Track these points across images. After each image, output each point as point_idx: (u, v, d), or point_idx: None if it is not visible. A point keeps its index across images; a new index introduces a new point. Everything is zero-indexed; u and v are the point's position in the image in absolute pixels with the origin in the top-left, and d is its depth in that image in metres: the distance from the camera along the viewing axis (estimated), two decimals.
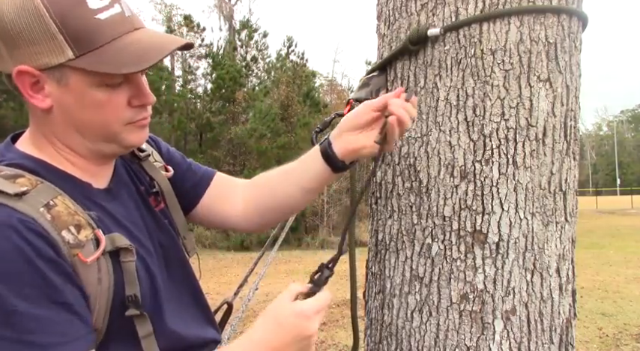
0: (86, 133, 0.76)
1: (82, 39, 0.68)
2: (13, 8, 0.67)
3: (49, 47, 0.67)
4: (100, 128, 0.75)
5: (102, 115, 0.74)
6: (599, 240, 12.52)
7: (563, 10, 1.05)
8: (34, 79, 0.70)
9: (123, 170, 0.91)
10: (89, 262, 0.68)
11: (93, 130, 0.75)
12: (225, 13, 22.95)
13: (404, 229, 1.10)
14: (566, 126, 1.07)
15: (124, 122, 0.76)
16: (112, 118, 0.74)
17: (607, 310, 5.74)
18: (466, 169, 1.03)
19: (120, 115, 0.75)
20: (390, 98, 0.91)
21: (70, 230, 0.67)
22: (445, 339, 1.02)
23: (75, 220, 0.69)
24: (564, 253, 1.07)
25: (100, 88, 0.71)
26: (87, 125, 0.75)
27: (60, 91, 0.71)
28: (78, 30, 0.67)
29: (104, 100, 0.72)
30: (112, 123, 0.75)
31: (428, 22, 1.09)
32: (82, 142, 0.77)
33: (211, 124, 18.21)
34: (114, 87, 0.73)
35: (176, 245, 0.94)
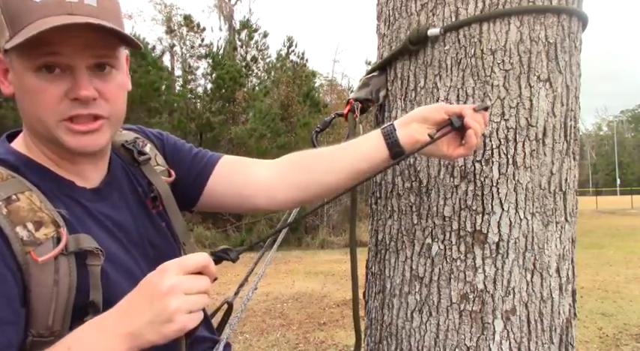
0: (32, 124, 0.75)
1: (15, 20, 0.68)
2: None
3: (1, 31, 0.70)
4: (36, 121, 0.73)
5: (36, 105, 0.72)
6: (599, 240, 12.52)
7: (563, 10, 1.05)
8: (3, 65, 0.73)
9: (120, 172, 0.90)
10: (40, 261, 0.66)
11: (32, 123, 0.75)
12: (225, 13, 22.95)
13: (404, 229, 1.10)
14: (566, 126, 1.07)
15: (58, 116, 0.72)
16: (43, 109, 0.72)
17: (607, 310, 5.74)
18: (466, 169, 1.03)
19: (53, 107, 0.72)
20: (467, 108, 0.90)
21: (26, 226, 0.67)
22: (445, 339, 1.02)
23: (36, 216, 0.68)
24: (564, 253, 1.07)
25: (38, 75, 0.70)
26: (28, 116, 0.74)
27: (13, 76, 0.72)
28: (14, 12, 0.69)
29: (37, 88, 0.70)
30: (44, 116, 0.72)
31: (428, 22, 1.09)
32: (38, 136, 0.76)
33: (211, 124, 18.20)
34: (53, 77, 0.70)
35: (172, 247, 0.93)
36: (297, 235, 13.56)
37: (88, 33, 0.70)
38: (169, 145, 1.04)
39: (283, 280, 7.91)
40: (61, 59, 0.70)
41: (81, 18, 0.69)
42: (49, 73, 0.70)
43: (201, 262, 0.66)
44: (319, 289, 7.19)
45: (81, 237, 0.71)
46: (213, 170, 1.02)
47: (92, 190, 0.81)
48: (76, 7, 0.70)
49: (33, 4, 0.68)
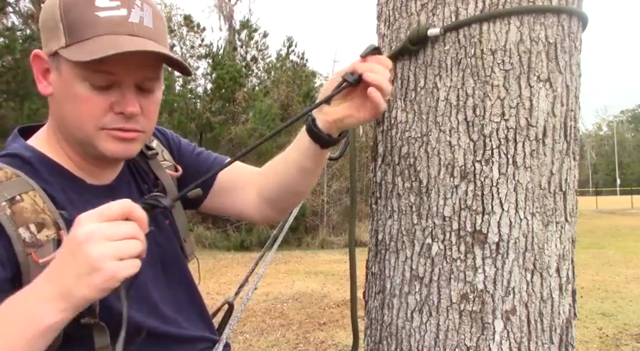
0: (67, 126, 0.77)
1: (75, 30, 0.71)
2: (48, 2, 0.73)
3: (53, 34, 0.73)
4: (73, 126, 0.76)
5: (78, 112, 0.74)
6: (599, 240, 12.52)
7: (563, 10, 1.05)
8: (45, 64, 0.75)
9: (126, 167, 0.90)
10: (41, 262, 0.67)
11: (69, 126, 0.77)
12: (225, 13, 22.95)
13: (404, 229, 1.10)
14: (566, 126, 1.07)
15: (98, 126, 0.75)
16: (86, 117, 0.74)
17: (607, 310, 5.74)
18: (466, 169, 1.03)
19: (95, 116, 0.74)
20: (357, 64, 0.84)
21: (29, 228, 0.67)
22: (445, 339, 1.03)
23: (39, 218, 0.69)
24: (564, 253, 1.07)
25: (84, 84, 0.72)
26: (66, 118, 0.76)
27: (57, 78, 0.75)
28: (75, 21, 0.71)
29: (84, 97, 0.73)
30: (86, 123, 0.75)
31: (428, 22, 1.09)
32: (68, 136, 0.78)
33: (211, 124, 18.20)
34: (101, 89, 0.73)
35: (174, 246, 0.93)
36: (297, 235, 13.55)
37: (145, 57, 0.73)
38: (174, 142, 1.05)
39: (283, 280, 7.91)
40: (113, 76, 0.73)
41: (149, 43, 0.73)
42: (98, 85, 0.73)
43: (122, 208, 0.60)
44: (319, 289, 7.19)
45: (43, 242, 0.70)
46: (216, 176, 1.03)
47: (104, 186, 0.83)
48: (137, 29, 0.74)
49: (97, 19, 0.71)
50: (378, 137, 1.23)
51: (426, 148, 1.08)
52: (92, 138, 0.76)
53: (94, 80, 0.73)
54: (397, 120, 1.15)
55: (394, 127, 1.15)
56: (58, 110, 0.77)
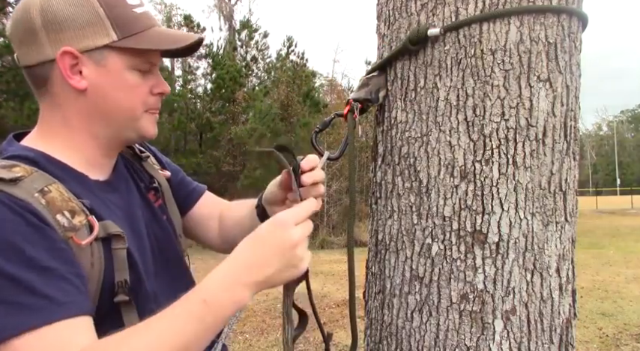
0: (112, 116, 0.81)
1: (123, 25, 0.77)
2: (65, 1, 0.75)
3: (94, 30, 0.76)
4: (126, 111, 0.82)
5: (131, 98, 0.81)
6: (599, 240, 12.52)
7: (563, 10, 1.05)
8: (74, 60, 0.76)
9: (123, 167, 0.93)
10: (83, 244, 0.71)
11: (119, 113, 0.82)
12: (225, 13, 22.94)
13: (404, 229, 1.10)
14: (566, 126, 1.07)
15: (145, 107, 0.83)
16: (138, 101, 0.82)
17: (607, 310, 5.74)
18: (466, 169, 1.03)
19: (144, 99, 0.83)
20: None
21: (64, 214, 0.70)
22: (445, 339, 1.02)
23: (69, 206, 0.72)
24: (564, 253, 1.07)
25: (133, 72, 0.80)
26: (115, 107, 0.81)
27: (97, 72, 0.78)
28: (121, 17, 0.77)
29: (135, 83, 0.81)
30: (137, 106, 0.82)
31: (428, 22, 1.09)
32: (102, 127, 0.82)
33: (211, 124, 18.20)
34: (144, 73, 0.82)
35: (172, 241, 0.95)
36: None
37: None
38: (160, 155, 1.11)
39: None
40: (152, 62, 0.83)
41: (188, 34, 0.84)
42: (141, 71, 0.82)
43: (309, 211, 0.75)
44: (319, 289, 7.19)
45: (107, 223, 0.76)
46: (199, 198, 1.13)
47: (104, 181, 0.85)
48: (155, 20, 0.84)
49: (136, 15, 0.80)
50: (378, 137, 1.23)
51: (426, 148, 1.08)
52: (138, 120, 0.83)
53: (142, 67, 0.81)
54: (397, 120, 1.15)
55: (394, 127, 1.15)
56: (96, 102, 0.79)
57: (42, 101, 0.81)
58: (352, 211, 1.20)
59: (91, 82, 0.78)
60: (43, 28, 0.75)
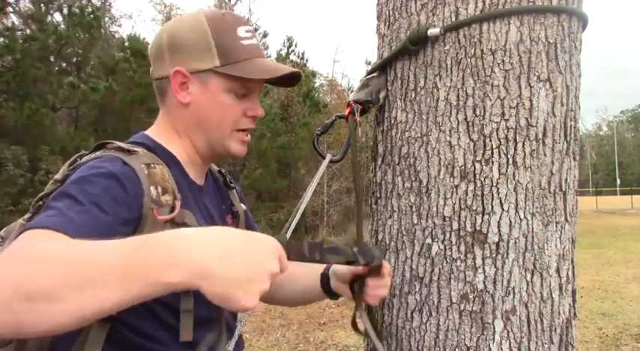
0: (205, 129, 0.94)
1: (228, 54, 0.90)
2: (185, 25, 0.92)
3: (203, 56, 0.90)
4: (216, 126, 0.94)
5: (222, 116, 0.93)
6: (599, 240, 12.52)
7: (563, 10, 1.05)
8: (184, 79, 0.91)
9: (213, 184, 1.06)
10: (159, 219, 0.80)
11: (211, 127, 0.94)
12: None
13: (404, 229, 1.10)
14: (566, 126, 1.07)
15: (235, 127, 0.95)
16: (228, 120, 0.94)
17: (607, 310, 5.74)
18: (466, 169, 1.03)
19: (235, 119, 0.94)
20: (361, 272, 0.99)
21: (157, 188, 0.81)
22: (445, 339, 1.02)
23: (164, 184, 0.83)
24: (564, 253, 1.07)
25: (229, 94, 0.92)
26: (209, 122, 0.93)
27: (200, 90, 0.91)
28: (227, 47, 0.90)
29: (229, 104, 0.93)
30: (226, 124, 0.94)
31: (428, 22, 1.09)
32: (198, 138, 0.95)
33: None
34: (239, 97, 0.94)
35: None
36: (297, 235, 13.55)
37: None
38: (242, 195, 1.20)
39: None
40: (250, 88, 0.94)
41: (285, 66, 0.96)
42: (237, 94, 0.93)
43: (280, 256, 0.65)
44: None
45: (186, 213, 0.84)
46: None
47: (199, 185, 0.98)
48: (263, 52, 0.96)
49: (243, 46, 0.92)
50: (378, 137, 1.23)
51: (426, 148, 1.08)
52: (226, 138, 0.95)
53: (238, 91, 0.93)
54: (397, 120, 1.15)
55: (394, 127, 1.15)
56: (196, 115, 0.93)
57: (161, 108, 0.98)
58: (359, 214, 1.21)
59: (193, 99, 0.92)
60: (167, 50, 0.91)
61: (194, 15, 0.93)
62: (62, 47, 14.58)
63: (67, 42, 14.44)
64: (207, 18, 0.91)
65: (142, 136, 0.95)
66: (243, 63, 0.91)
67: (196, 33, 0.90)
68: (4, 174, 11.56)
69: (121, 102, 15.88)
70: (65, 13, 14.35)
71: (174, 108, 0.94)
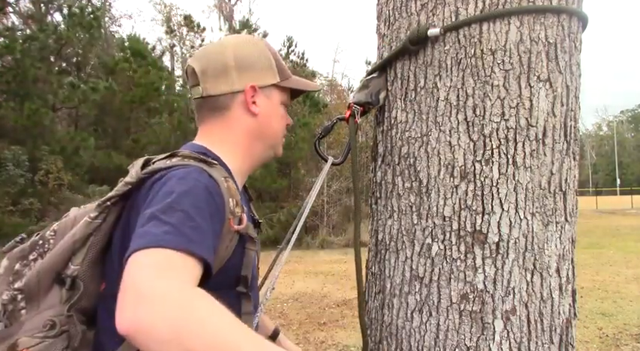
0: (267, 136, 1.05)
1: (282, 71, 1.05)
2: (250, 47, 1.03)
3: (267, 73, 1.03)
4: (275, 134, 1.07)
5: (280, 124, 1.07)
6: (599, 240, 12.52)
7: (563, 10, 1.05)
8: (254, 93, 1.01)
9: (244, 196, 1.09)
10: (234, 229, 0.85)
11: (272, 135, 1.06)
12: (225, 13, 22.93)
13: (404, 229, 1.10)
14: (566, 126, 1.07)
15: (283, 133, 1.09)
16: (282, 128, 1.08)
17: (607, 310, 5.74)
18: (466, 169, 1.03)
19: (284, 127, 1.09)
20: None
21: (232, 200, 0.86)
22: (445, 339, 1.02)
23: (236, 197, 0.88)
24: (564, 253, 1.07)
25: (282, 106, 1.07)
26: (272, 130, 1.05)
27: (265, 103, 1.03)
28: (281, 66, 1.05)
29: (282, 114, 1.07)
30: (280, 132, 1.08)
31: (428, 22, 1.09)
32: (258, 145, 1.04)
33: None
34: (285, 108, 1.08)
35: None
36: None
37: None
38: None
39: (283, 280, 7.90)
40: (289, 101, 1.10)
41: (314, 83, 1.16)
42: (285, 106, 1.08)
43: None
44: (319, 289, 7.19)
45: (249, 225, 0.91)
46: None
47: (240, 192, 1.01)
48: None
49: (285, 65, 1.08)
50: (378, 137, 1.23)
51: (426, 148, 1.08)
52: (278, 143, 1.08)
53: (286, 103, 1.08)
54: (397, 120, 1.15)
55: (394, 127, 1.15)
56: (262, 125, 1.03)
57: (212, 121, 1.02)
58: (357, 216, 1.21)
59: (260, 110, 1.02)
60: (234, 68, 0.99)
61: (249, 38, 1.08)
62: (62, 47, 14.57)
63: (67, 42, 14.44)
64: (261, 41, 1.07)
65: (200, 148, 0.99)
66: (291, 79, 1.07)
67: (260, 54, 1.03)
68: (4, 174, 11.56)
69: (121, 102, 15.89)
70: (65, 13, 14.33)
71: (240, 120, 1.01)
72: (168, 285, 0.65)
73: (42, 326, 0.77)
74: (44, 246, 0.87)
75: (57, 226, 0.90)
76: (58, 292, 0.81)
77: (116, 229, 0.85)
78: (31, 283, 0.81)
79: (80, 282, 0.81)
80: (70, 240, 0.82)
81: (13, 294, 0.81)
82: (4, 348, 0.77)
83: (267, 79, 1.02)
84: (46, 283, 0.81)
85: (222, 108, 1.00)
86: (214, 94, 1.00)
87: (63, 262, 0.82)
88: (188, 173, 0.83)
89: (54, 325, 0.78)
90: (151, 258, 0.69)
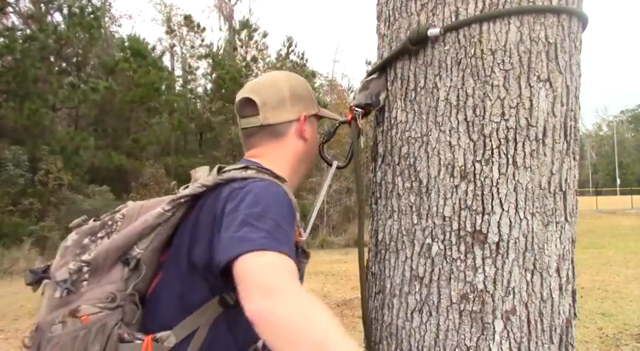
0: (310, 158, 1.20)
1: (317, 103, 1.22)
2: (299, 82, 1.19)
3: (311, 104, 1.19)
4: (315, 156, 1.22)
5: (316, 148, 1.22)
6: (599, 240, 12.51)
7: (563, 10, 1.05)
8: (304, 121, 1.15)
9: None
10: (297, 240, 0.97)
11: (313, 157, 1.21)
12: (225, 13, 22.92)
13: (404, 229, 1.10)
14: (566, 126, 1.07)
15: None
16: (316, 151, 1.22)
17: (607, 310, 5.74)
18: (466, 169, 1.03)
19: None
20: None
21: (297, 214, 0.96)
22: (445, 339, 1.02)
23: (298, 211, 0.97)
24: (564, 253, 1.07)
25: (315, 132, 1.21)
26: (314, 153, 1.21)
27: (310, 129, 1.17)
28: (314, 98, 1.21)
29: (317, 139, 1.23)
30: (315, 154, 1.22)
31: (428, 22, 1.09)
32: (303, 166, 1.18)
33: (211, 124, 18.20)
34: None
35: None
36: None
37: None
38: None
39: None
40: None
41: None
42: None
43: None
44: (319, 289, 7.18)
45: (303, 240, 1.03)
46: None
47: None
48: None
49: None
50: (378, 137, 1.23)
51: (426, 148, 1.08)
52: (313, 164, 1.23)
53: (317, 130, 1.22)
54: (397, 120, 1.15)
55: (394, 127, 1.15)
56: (309, 148, 1.18)
57: (269, 145, 1.13)
58: (361, 219, 1.21)
59: (309, 136, 1.16)
60: (289, 99, 1.14)
61: (293, 74, 1.23)
62: (62, 47, 14.57)
63: (67, 42, 14.43)
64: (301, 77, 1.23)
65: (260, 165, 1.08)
66: (322, 109, 1.23)
67: (306, 88, 1.20)
68: (4, 174, 11.56)
69: (121, 102, 15.88)
70: (65, 13, 14.33)
71: (295, 144, 1.15)
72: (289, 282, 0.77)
73: (104, 298, 0.86)
74: (112, 227, 0.96)
75: (126, 211, 0.99)
76: (120, 270, 0.90)
77: (182, 222, 0.94)
78: (99, 258, 0.90)
79: (143, 265, 0.90)
80: (142, 226, 0.92)
81: (80, 265, 0.90)
82: (65, 311, 0.86)
83: (311, 109, 1.19)
84: (111, 261, 0.90)
85: (279, 134, 1.14)
86: (273, 123, 1.13)
87: (130, 243, 0.91)
88: (269, 185, 0.95)
89: (115, 298, 0.86)
90: (262, 259, 0.79)
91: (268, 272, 0.79)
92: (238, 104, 1.18)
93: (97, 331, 0.83)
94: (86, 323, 0.83)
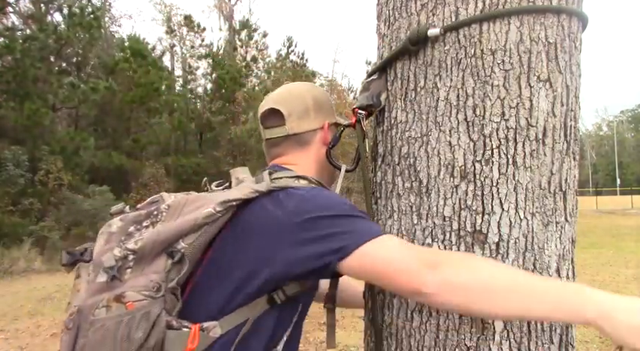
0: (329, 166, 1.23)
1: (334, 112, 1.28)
2: (320, 92, 1.27)
3: (332, 113, 1.25)
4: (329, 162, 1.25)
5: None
6: (599, 240, 12.51)
7: (563, 10, 1.05)
8: (327, 129, 1.21)
9: None
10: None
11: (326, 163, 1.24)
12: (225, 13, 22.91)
13: (404, 229, 1.10)
14: (566, 126, 1.07)
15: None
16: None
17: None
18: (466, 169, 1.03)
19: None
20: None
21: None
22: (445, 339, 1.02)
23: None
24: (564, 253, 1.07)
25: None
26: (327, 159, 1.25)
27: (330, 136, 1.22)
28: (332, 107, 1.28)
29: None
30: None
31: (428, 22, 1.09)
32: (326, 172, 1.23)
33: (211, 124, 18.21)
34: None
35: None
36: None
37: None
38: None
39: None
40: None
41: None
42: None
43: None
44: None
45: None
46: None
47: None
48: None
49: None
50: (378, 137, 1.23)
51: (426, 148, 1.08)
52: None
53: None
54: (397, 120, 1.15)
55: (394, 127, 1.15)
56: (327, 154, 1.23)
57: (296, 153, 1.19)
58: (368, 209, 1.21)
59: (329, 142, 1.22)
60: (313, 109, 1.20)
61: (314, 85, 1.29)
62: (62, 47, 14.57)
63: (67, 42, 14.43)
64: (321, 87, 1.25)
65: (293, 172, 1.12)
66: (339, 117, 1.28)
67: (326, 97, 1.26)
68: (4, 174, 11.56)
69: (121, 102, 15.89)
70: (65, 13, 14.32)
71: (317, 150, 1.21)
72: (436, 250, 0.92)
73: (150, 286, 0.88)
74: (157, 217, 0.98)
75: (172, 202, 1.01)
76: (164, 261, 0.91)
77: (229, 223, 0.97)
78: (146, 248, 0.91)
79: (186, 259, 0.92)
80: (192, 222, 0.94)
81: (126, 253, 0.91)
82: (109, 296, 0.87)
83: (332, 118, 1.25)
84: (156, 251, 0.92)
85: (305, 142, 1.20)
86: (299, 132, 1.18)
87: (178, 237, 0.93)
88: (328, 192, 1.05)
89: (160, 288, 0.88)
90: (389, 242, 0.91)
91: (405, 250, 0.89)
92: (262, 115, 1.23)
93: (140, 317, 0.85)
94: (131, 309, 0.85)
